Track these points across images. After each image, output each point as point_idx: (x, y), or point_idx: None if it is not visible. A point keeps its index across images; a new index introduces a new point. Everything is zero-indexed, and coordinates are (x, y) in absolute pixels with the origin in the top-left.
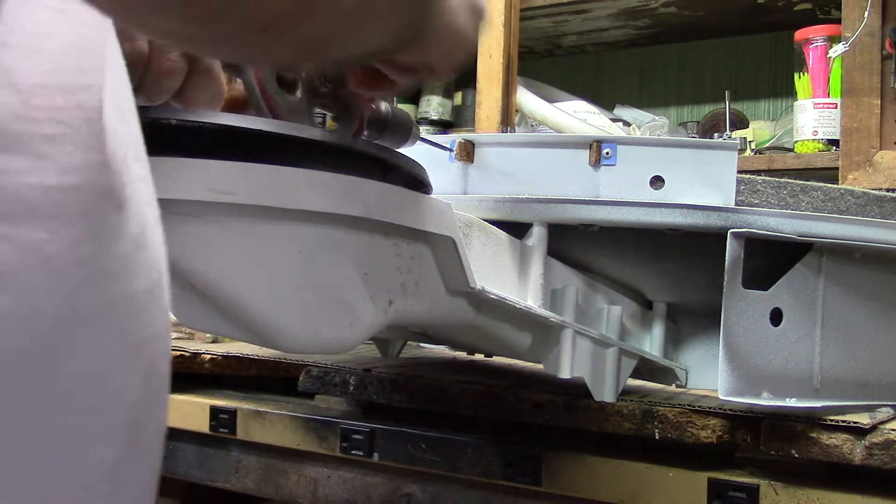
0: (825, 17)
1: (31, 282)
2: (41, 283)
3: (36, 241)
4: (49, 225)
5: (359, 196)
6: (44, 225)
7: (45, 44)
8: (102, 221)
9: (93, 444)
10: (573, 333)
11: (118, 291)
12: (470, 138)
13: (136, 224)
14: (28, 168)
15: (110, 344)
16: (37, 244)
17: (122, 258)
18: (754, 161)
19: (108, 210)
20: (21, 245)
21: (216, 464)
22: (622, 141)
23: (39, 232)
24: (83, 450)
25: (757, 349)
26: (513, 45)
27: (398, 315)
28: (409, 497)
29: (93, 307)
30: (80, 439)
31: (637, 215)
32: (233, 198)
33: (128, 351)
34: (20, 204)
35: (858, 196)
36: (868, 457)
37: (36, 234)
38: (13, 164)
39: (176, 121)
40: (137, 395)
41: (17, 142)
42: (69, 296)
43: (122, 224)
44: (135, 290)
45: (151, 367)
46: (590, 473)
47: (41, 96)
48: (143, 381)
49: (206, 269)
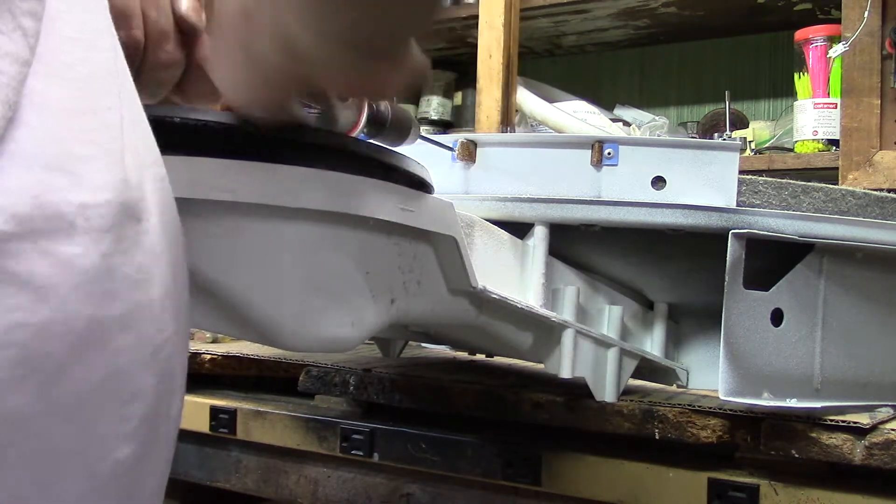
0: (825, 17)
1: (67, 295)
2: (75, 296)
3: (72, 256)
4: (83, 240)
5: (360, 195)
6: (79, 240)
7: (67, 72)
8: (125, 234)
9: (113, 444)
10: (574, 333)
11: (138, 299)
12: (472, 138)
13: (154, 233)
14: (68, 186)
15: (131, 348)
16: (73, 258)
17: (142, 267)
18: (754, 161)
19: (129, 223)
20: (60, 260)
21: (216, 464)
22: (624, 141)
23: (75, 247)
24: (105, 449)
25: (757, 349)
26: (513, 45)
27: (400, 314)
28: (409, 497)
29: (117, 315)
30: (102, 439)
31: (638, 215)
32: (233, 196)
33: (146, 354)
34: (60, 220)
35: (860, 197)
36: (868, 457)
37: (72, 249)
38: (56, 182)
39: (178, 119)
40: (153, 395)
41: (58, 161)
42: (97, 306)
43: (140, 235)
44: (152, 296)
45: (166, 367)
46: (590, 473)
47: (72, 119)
48: (158, 381)
49: (206, 268)
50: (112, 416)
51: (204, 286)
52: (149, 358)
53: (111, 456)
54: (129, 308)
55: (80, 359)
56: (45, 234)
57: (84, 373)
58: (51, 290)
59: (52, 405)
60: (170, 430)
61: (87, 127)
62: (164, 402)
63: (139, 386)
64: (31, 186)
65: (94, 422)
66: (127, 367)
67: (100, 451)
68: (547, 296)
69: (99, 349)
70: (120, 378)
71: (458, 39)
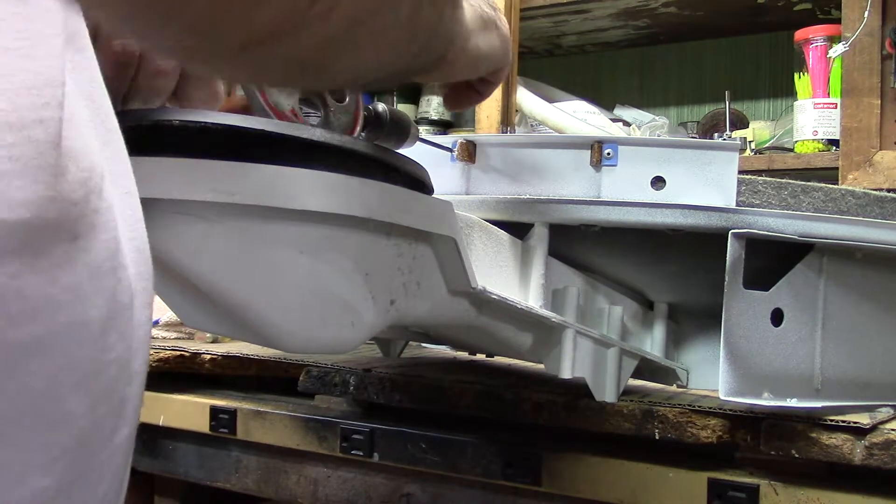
0: (825, 17)
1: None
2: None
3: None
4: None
5: (360, 196)
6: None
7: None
8: (49, 253)
9: (27, 474)
10: (574, 334)
11: (65, 320)
12: (471, 139)
13: (100, 251)
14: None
15: (53, 373)
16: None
17: (73, 287)
18: (754, 161)
19: (56, 242)
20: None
21: (216, 464)
22: (623, 141)
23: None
24: (16, 480)
25: (758, 349)
26: (513, 45)
27: (399, 315)
28: (409, 497)
29: (33, 338)
30: (12, 469)
31: (638, 216)
32: (233, 198)
33: (75, 379)
34: None
35: (859, 197)
36: (868, 457)
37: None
38: None
39: (178, 122)
40: (87, 421)
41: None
42: (4, 329)
43: (75, 254)
44: (87, 317)
45: (108, 391)
46: (590, 473)
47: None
48: (93, 406)
49: (206, 270)
50: (26, 443)
51: (203, 288)
52: (81, 381)
53: (25, 487)
54: (50, 330)
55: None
56: None
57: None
58: None
59: None
60: (115, 458)
61: (6, 142)
62: (104, 429)
63: (65, 411)
64: None
65: (3, 449)
66: (48, 391)
67: (13, 480)
68: (547, 296)
69: (6, 373)
70: (36, 403)
71: None
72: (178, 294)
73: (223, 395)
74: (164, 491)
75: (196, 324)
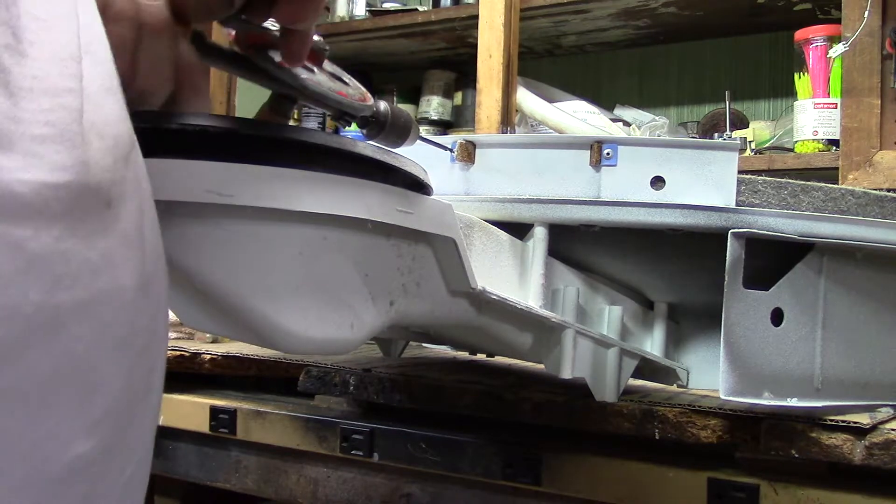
0: (825, 17)
1: (12, 279)
2: (22, 280)
3: (20, 238)
4: (34, 222)
5: (359, 197)
6: (29, 222)
7: (30, 49)
8: (87, 218)
9: (70, 439)
10: (574, 334)
11: (101, 286)
12: (471, 139)
13: (129, 219)
14: (22, 166)
15: (93, 337)
16: (21, 241)
17: (108, 253)
18: (754, 161)
19: (93, 208)
20: (6, 242)
21: (216, 464)
22: (623, 141)
23: (25, 229)
24: (61, 445)
25: (758, 349)
26: (513, 45)
27: (399, 316)
28: (409, 497)
29: (73, 302)
30: (55, 434)
31: (638, 216)
32: (232, 199)
33: (111, 344)
34: (11, 201)
35: (859, 196)
36: (868, 457)
37: (22, 231)
38: (8, 161)
39: (177, 124)
40: (120, 387)
41: (10, 141)
42: (48, 292)
43: (109, 221)
44: (122, 284)
45: (137, 359)
46: (590, 473)
47: (29, 99)
48: (128, 372)
49: (206, 271)
50: (69, 407)
51: (203, 289)
52: (118, 346)
53: (69, 450)
54: (89, 295)
55: (30, 346)
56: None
57: (35, 360)
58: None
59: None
60: (147, 423)
61: (44, 107)
62: (138, 393)
63: (103, 376)
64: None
65: (47, 413)
66: (88, 356)
67: (55, 445)
68: (547, 296)
69: (52, 336)
70: (79, 367)
71: (458, 39)
72: (177, 294)
73: (223, 395)
74: (165, 491)
75: (196, 324)
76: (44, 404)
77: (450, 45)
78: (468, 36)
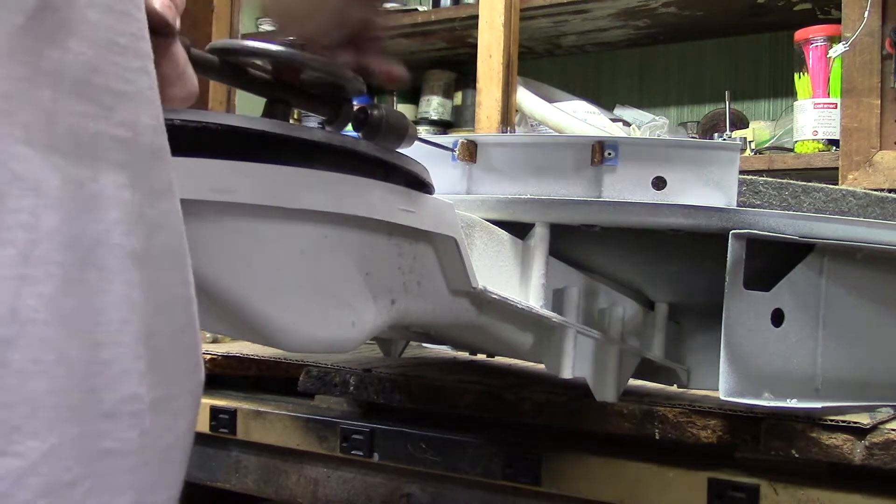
0: (825, 17)
1: (73, 211)
2: (81, 215)
3: (82, 177)
4: (95, 165)
5: (361, 196)
6: (89, 164)
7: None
8: (147, 176)
9: (122, 377)
10: (575, 333)
11: (162, 241)
12: (472, 138)
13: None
14: (92, 114)
15: (149, 287)
16: (83, 180)
17: (166, 214)
18: (754, 161)
19: (154, 167)
20: (69, 178)
21: (216, 464)
22: (624, 141)
23: (86, 170)
24: (112, 380)
25: (758, 350)
26: (513, 45)
27: (400, 315)
28: (409, 497)
29: (134, 249)
30: (109, 370)
31: (639, 216)
32: (233, 197)
33: (161, 299)
34: (74, 142)
35: (860, 197)
36: (868, 457)
37: (82, 171)
38: (80, 107)
39: (178, 121)
40: (168, 344)
41: (89, 90)
42: (107, 232)
43: (168, 183)
44: (174, 245)
45: (182, 315)
46: (590, 473)
47: (117, 53)
48: (173, 328)
49: (207, 269)
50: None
51: (204, 287)
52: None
53: (122, 389)
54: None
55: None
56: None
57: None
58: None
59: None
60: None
61: (130, 66)
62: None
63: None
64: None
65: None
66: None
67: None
68: (547, 296)
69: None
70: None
71: (458, 39)
72: None
73: (223, 395)
74: None
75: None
76: (102, 338)
77: (450, 45)
78: (468, 36)
